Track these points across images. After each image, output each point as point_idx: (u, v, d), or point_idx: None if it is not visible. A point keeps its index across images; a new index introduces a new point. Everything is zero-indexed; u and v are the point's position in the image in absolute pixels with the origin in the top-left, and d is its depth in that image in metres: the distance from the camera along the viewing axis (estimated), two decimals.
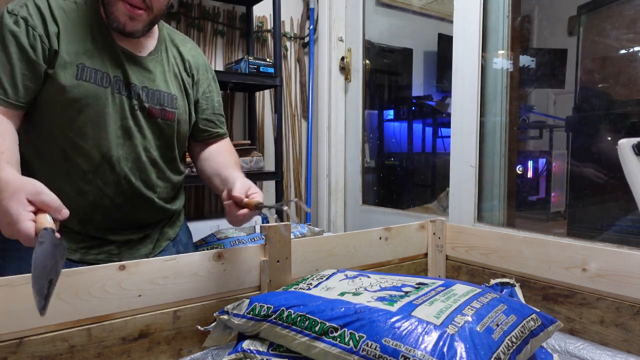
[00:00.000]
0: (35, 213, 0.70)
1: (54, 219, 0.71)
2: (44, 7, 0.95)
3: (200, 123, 1.19)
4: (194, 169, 1.83)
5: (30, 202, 0.70)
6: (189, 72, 1.16)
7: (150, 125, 1.07)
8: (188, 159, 1.30)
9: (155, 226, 1.16)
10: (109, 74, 1.00)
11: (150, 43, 1.09)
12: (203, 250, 1.26)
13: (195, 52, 1.19)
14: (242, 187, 0.95)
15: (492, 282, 1.14)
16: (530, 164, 2.50)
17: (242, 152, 2.05)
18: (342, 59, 2.44)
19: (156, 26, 1.09)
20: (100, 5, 1.00)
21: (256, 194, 0.95)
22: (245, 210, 0.92)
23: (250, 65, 2.01)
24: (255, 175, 2.06)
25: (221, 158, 1.16)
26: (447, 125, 1.84)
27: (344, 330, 0.71)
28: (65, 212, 0.73)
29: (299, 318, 0.76)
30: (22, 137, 0.99)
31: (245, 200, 0.93)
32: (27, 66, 0.92)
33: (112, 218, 1.06)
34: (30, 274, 0.61)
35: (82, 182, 1.01)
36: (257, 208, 0.92)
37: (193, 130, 1.20)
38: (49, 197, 0.72)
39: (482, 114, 1.72)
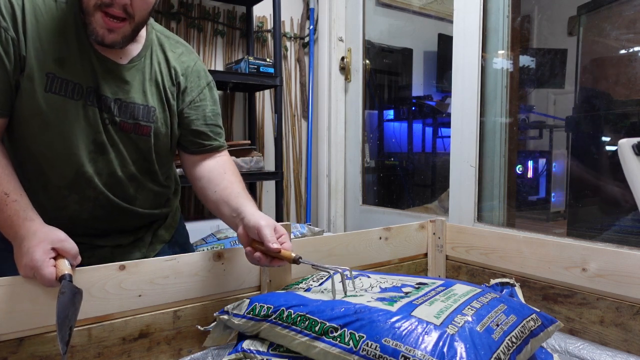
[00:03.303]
0: (54, 258, 0.79)
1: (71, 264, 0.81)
2: (17, 4, 0.87)
3: (189, 135, 1.08)
4: None
5: (53, 249, 0.80)
6: (174, 81, 1.05)
7: (123, 139, 0.99)
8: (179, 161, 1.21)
9: (148, 229, 1.12)
10: (81, 85, 0.93)
11: (134, 48, 1.00)
12: (203, 250, 1.26)
13: (187, 58, 1.08)
14: (271, 233, 0.86)
15: (492, 282, 1.14)
16: (530, 164, 2.50)
17: (242, 152, 2.05)
18: (342, 59, 2.45)
19: (144, 29, 1.00)
20: (80, 12, 0.91)
21: (284, 239, 0.88)
22: (262, 256, 0.87)
23: (250, 65, 2.01)
24: (255, 175, 2.06)
25: (227, 183, 1.04)
26: (447, 125, 1.84)
27: (344, 330, 0.71)
28: (79, 259, 0.83)
29: (299, 318, 0.76)
30: (6, 147, 0.94)
31: (283, 252, 0.86)
32: (2, 72, 0.86)
33: (96, 227, 1.03)
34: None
35: (58, 197, 0.97)
36: (294, 262, 0.85)
37: (182, 141, 1.10)
38: (70, 244, 0.82)
39: (482, 114, 1.72)
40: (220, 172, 1.07)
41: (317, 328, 0.73)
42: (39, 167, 0.95)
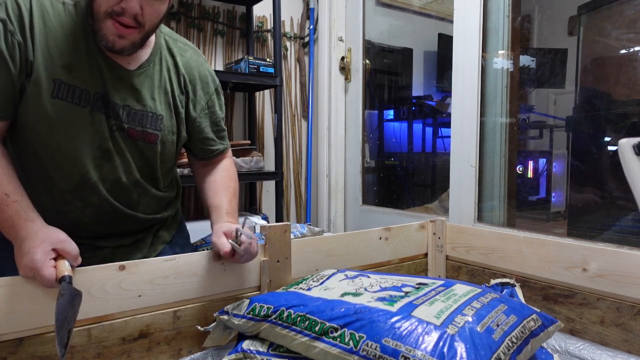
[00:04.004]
0: (55, 259, 0.79)
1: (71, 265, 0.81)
2: (24, 7, 0.86)
3: (199, 143, 1.12)
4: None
5: (53, 249, 0.80)
6: (182, 89, 1.06)
7: (129, 146, 0.99)
8: (182, 160, 1.25)
9: (148, 231, 1.12)
10: (88, 91, 0.92)
11: (143, 53, 0.99)
12: (203, 250, 1.26)
13: (195, 63, 1.09)
14: (221, 242, 0.94)
15: (492, 282, 1.14)
16: (530, 164, 2.50)
17: (242, 152, 2.05)
18: (342, 59, 2.44)
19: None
20: (89, 17, 0.91)
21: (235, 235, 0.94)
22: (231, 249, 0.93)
23: (250, 65, 2.01)
24: (255, 175, 2.06)
25: (212, 192, 1.11)
26: (447, 125, 1.84)
27: (344, 330, 0.71)
28: (79, 260, 0.83)
29: (299, 318, 0.76)
30: (8, 149, 0.94)
31: (227, 252, 0.93)
32: (5, 75, 0.85)
33: (97, 231, 1.02)
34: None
35: (61, 201, 0.96)
36: (236, 235, 0.93)
37: (190, 147, 1.14)
38: (71, 245, 0.82)
39: (482, 114, 1.72)
40: (211, 180, 1.14)
41: (317, 328, 0.73)
42: (44, 171, 0.94)
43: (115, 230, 1.05)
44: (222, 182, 1.13)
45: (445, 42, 2.68)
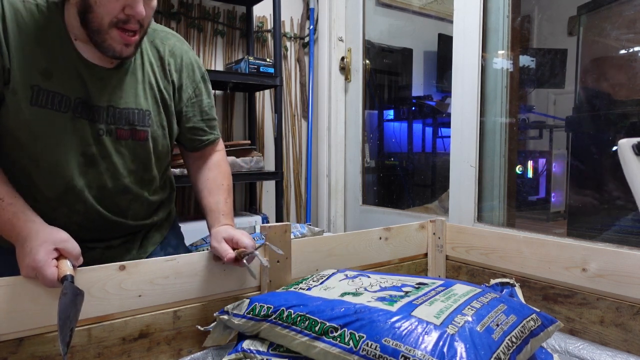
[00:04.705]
0: (56, 258, 0.79)
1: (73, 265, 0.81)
2: None
3: (188, 132, 1.10)
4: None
5: (55, 249, 0.79)
6: (169, 79, 1.04)
7: (120, 149, 0.97)
8: (180, 161, 1.24)
9: (138, 233, 1.10)
10: (69, 97, 0.90)
11: None
12: (202, 250, 1.26)
13: (179, 51, 1.06)
14: (223, 248, 0.92)
15: (492, 282, 1.14)
16: (530, 164, 2.50)
17: (242, 152, 2.05)
18: (342, 59, 2.44)
19: None
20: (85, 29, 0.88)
21: (239, 239, 0.93)
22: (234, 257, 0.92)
23: (250, 65, 2.01)
24: (255, 175, 2.06)
25: (206, 192, 1.09)
26: (447, 125, 1.84)
27: (344, 330, 0.71)
28: (81, 260, 0.83)
29: (299, 318, 0.76)
30: None
31: (237, 251, 0.92)
32: None
33: (84, 237, 0.99)
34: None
35: (47, 209, 0.93)
36: (240, 256, 0.92)
37: (180, 138, 1.12)
38: (72, 245, 0.82)
39: (482, 114, 1.72)
40: (204, 179, 1.12)
41: (317, 328, 0.73)
42: (29, 178, 0.93)
43: (104, 236, 1.04)
44: (216, 179, 1.12)
45: (445, 42, 2.68)
